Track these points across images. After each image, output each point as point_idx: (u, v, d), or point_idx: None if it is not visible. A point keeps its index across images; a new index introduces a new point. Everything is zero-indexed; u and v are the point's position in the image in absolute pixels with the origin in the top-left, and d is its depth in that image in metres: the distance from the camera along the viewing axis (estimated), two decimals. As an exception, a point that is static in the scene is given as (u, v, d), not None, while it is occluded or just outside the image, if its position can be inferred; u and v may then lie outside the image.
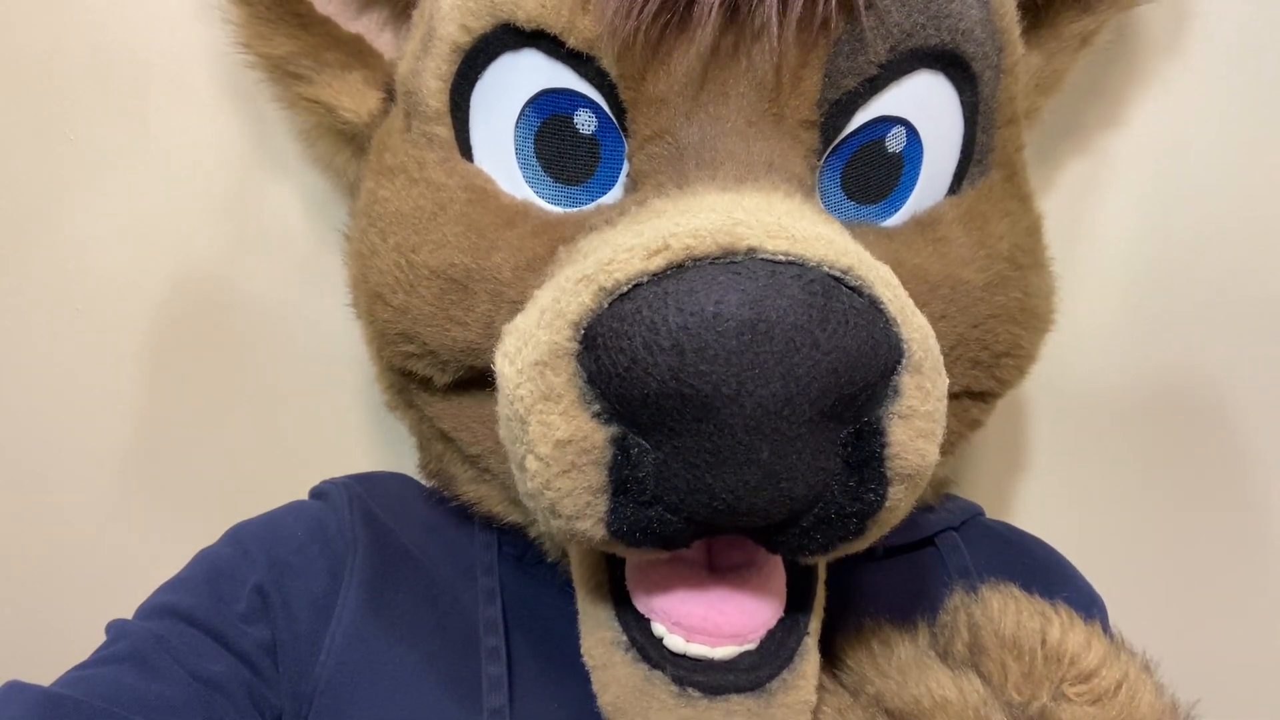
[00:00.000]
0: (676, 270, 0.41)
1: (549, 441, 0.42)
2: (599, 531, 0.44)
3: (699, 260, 0.41)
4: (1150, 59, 0.76)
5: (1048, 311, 0.60)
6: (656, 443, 0.41)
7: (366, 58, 0.66)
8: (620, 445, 0.42)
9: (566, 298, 0.43)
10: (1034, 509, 0.86)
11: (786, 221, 0.43)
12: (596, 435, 0.42)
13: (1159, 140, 0.78)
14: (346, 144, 0.69)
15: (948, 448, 0.59)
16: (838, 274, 0.41)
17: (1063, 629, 0.52)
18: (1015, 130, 0.58)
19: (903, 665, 0.54)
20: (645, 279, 0.41)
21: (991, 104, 0.56)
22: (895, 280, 0.44)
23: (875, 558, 0.65)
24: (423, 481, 0.69)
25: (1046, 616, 0.53)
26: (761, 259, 0.40)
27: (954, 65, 0.53)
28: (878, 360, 0.41)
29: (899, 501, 0.43)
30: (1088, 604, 0.66)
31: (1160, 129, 0.78)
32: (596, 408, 0.41)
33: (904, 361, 0.42)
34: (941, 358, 0.44)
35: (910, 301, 0.43)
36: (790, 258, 0.40)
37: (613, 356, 0.40)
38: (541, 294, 0.46)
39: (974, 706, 0.50)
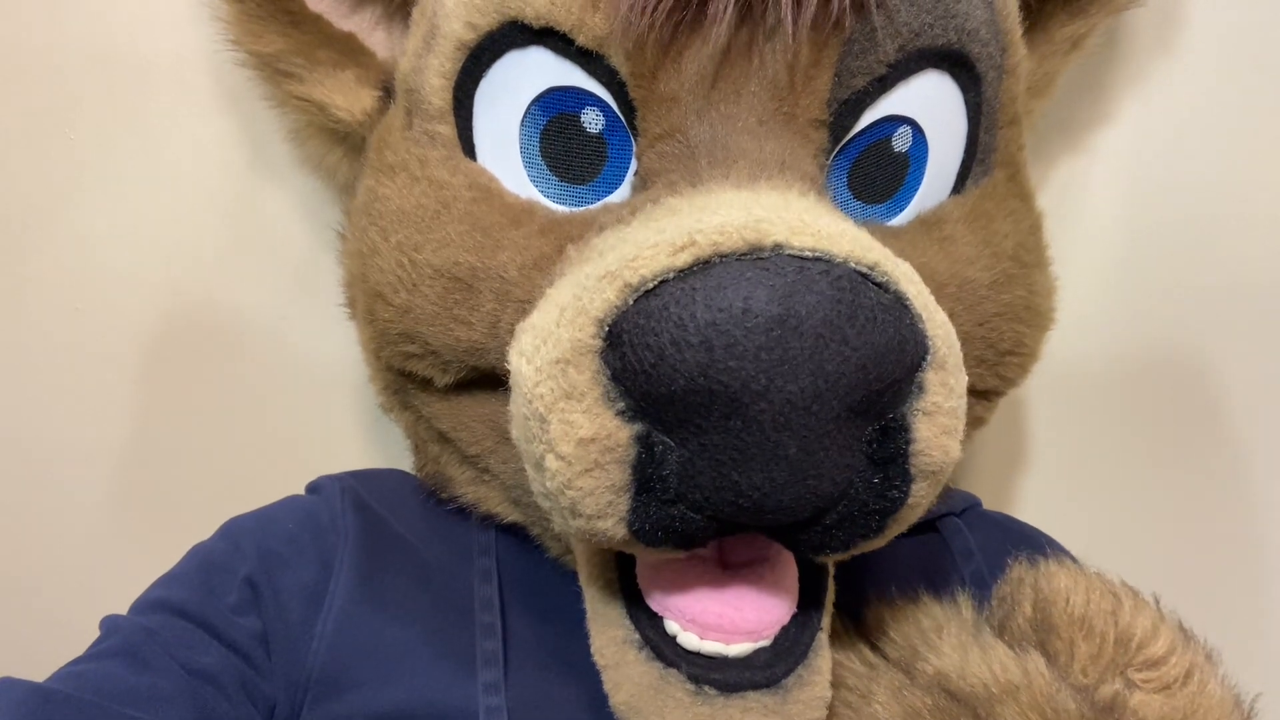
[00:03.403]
0: (703, 266, 0.40)
1: (571, 440, 0.41)
2: (620, 531, 0.43)
3: (725, 256, 0.40)
4: (1139, 56, 0.78)
5: (1049, 310, 0.61)
6: (681, 440, 0.41)
7: (359, 56, 0.66)
8: (644, 443, 0.41)
9: (590, 295, 0.42)
10: (1032, 503, 0.86)
11: (808, 218, 0.43)
12: (620, 434, 0.41)
13: (1149, 135, 0.79)
14: (338, 143, 0.69)
15: None
16: (864, 270, 0.41)
17: (1132, 611, 0.50)
18: (1017, 130, 0.59)
19: (960, 642, 0.51)
20: (671, 275, 0.41)
21: (994, 104, 0.57)
22: (917, 277, 0.44)
23: None
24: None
25: (1117, 596, 0.51)
26: (789, 255, 0.40)
27: (960, 65, 0.53)
28: (905, 356, 0.41)
29: (921, 499, 0.44)
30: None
31: (1150, 124, 0.79)
32: (621, 405, 0.41)
33: (929, 358, 0.42)
34: (961, 355, 0.44)
35: (932, 299, 0.44)
36: (817, 254, 0.40)
37: (639, 353, 0.40)
38: (558, 291, 0.46)
39: (1042, 691, 0.47)
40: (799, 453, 0.40)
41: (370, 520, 0.63)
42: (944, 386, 0.42)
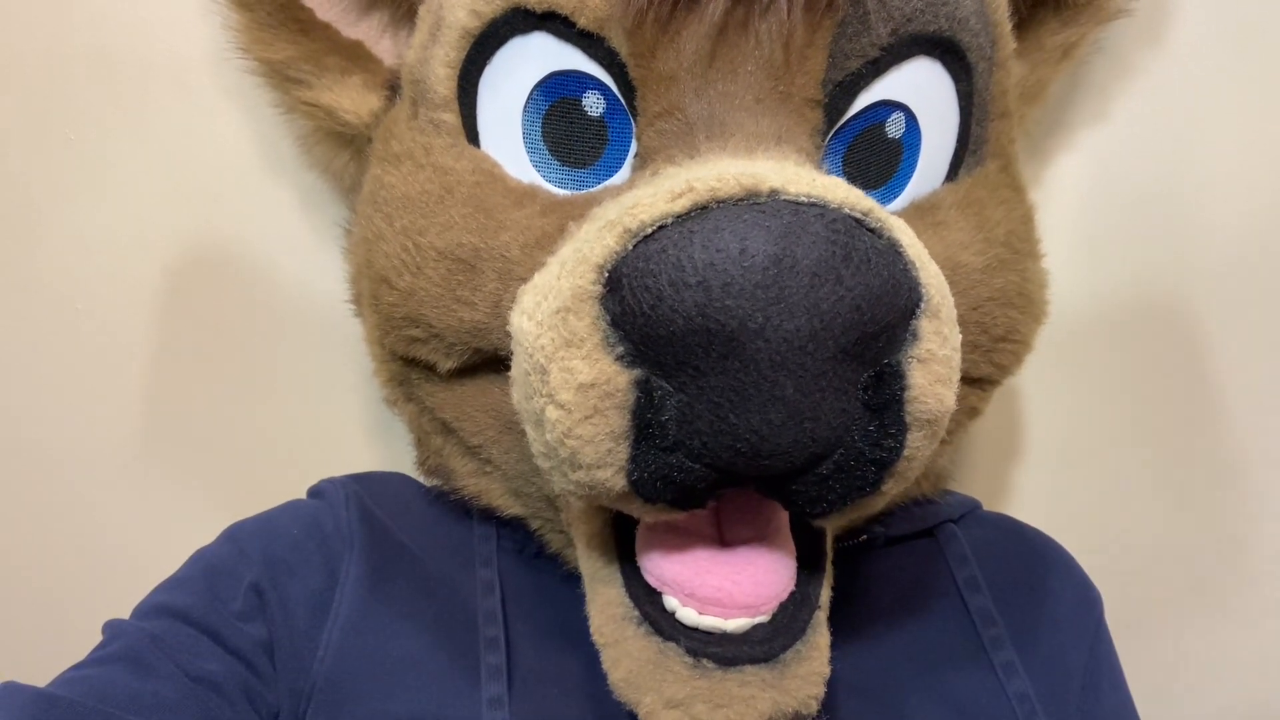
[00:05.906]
0: (701, 211, 0.41)
1: (571, 387, 0.42)
2: (619, 481, 0.43)
3: (723, 202, 0.41)
4: (1132, 52, 0.79)
5: (1042, 301, 0.61)
6: (680, 384, 0.41)
7: (366, 63, 0.67)
8: (643, 388, 0.42)
9: (590, 244, 0.43)
10: (1029, 498, 0.86)
11: (803, 172, 0.44)
12: (620, 378, 0.42)
13: (1138, 129, 0.80)
14: (345, 147, 0.70)
15: (947, 436, 0.60)
16: (858, 216, 0.42)
17: None
18: (1008, 124, 0.60)
19: None
20: (670, 220, 0.42)
21: (985, 95, 0.58)
22: (911, 231, 0.45)
23: (876, 546, 0.65)
24: (421, 479, 0.68)
25: None
26: (785, 200, 0.41)
27: (950, 53, 0.55)
28: (899, 300, 0.41)
29: (917, 450, 0.44)
30: (1085, 596, 0.67)
31: (1138, 118, 0.80)
32: (620, 350, 0.42)
33: (922, 305, 0.42)
34: (955, 309, 0.45)
35: (925, 251, 0.44)
36: (812, 199, 0.41)
37: (638, 295, 0.40)
38: (559, 252, 0.47)
39: None
40: (795, 393, 0.40)
41: (376, 530, 0.63)
42: (938, 335, 0.43)
